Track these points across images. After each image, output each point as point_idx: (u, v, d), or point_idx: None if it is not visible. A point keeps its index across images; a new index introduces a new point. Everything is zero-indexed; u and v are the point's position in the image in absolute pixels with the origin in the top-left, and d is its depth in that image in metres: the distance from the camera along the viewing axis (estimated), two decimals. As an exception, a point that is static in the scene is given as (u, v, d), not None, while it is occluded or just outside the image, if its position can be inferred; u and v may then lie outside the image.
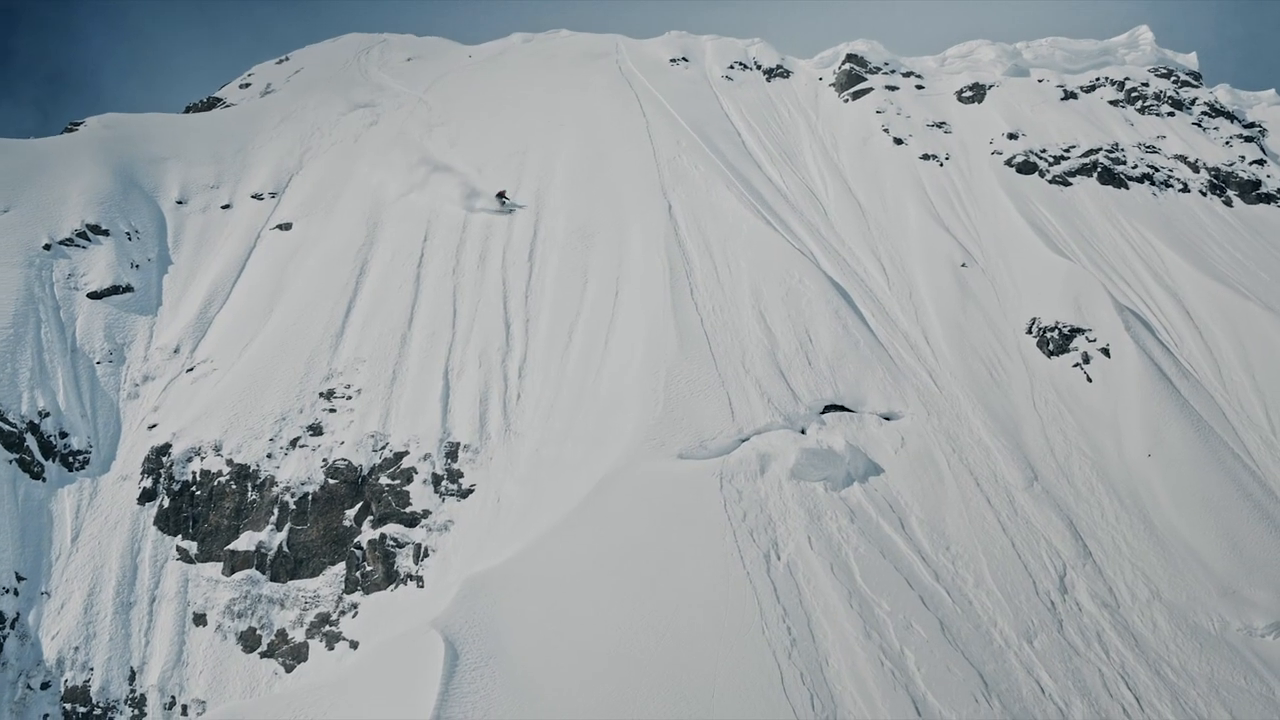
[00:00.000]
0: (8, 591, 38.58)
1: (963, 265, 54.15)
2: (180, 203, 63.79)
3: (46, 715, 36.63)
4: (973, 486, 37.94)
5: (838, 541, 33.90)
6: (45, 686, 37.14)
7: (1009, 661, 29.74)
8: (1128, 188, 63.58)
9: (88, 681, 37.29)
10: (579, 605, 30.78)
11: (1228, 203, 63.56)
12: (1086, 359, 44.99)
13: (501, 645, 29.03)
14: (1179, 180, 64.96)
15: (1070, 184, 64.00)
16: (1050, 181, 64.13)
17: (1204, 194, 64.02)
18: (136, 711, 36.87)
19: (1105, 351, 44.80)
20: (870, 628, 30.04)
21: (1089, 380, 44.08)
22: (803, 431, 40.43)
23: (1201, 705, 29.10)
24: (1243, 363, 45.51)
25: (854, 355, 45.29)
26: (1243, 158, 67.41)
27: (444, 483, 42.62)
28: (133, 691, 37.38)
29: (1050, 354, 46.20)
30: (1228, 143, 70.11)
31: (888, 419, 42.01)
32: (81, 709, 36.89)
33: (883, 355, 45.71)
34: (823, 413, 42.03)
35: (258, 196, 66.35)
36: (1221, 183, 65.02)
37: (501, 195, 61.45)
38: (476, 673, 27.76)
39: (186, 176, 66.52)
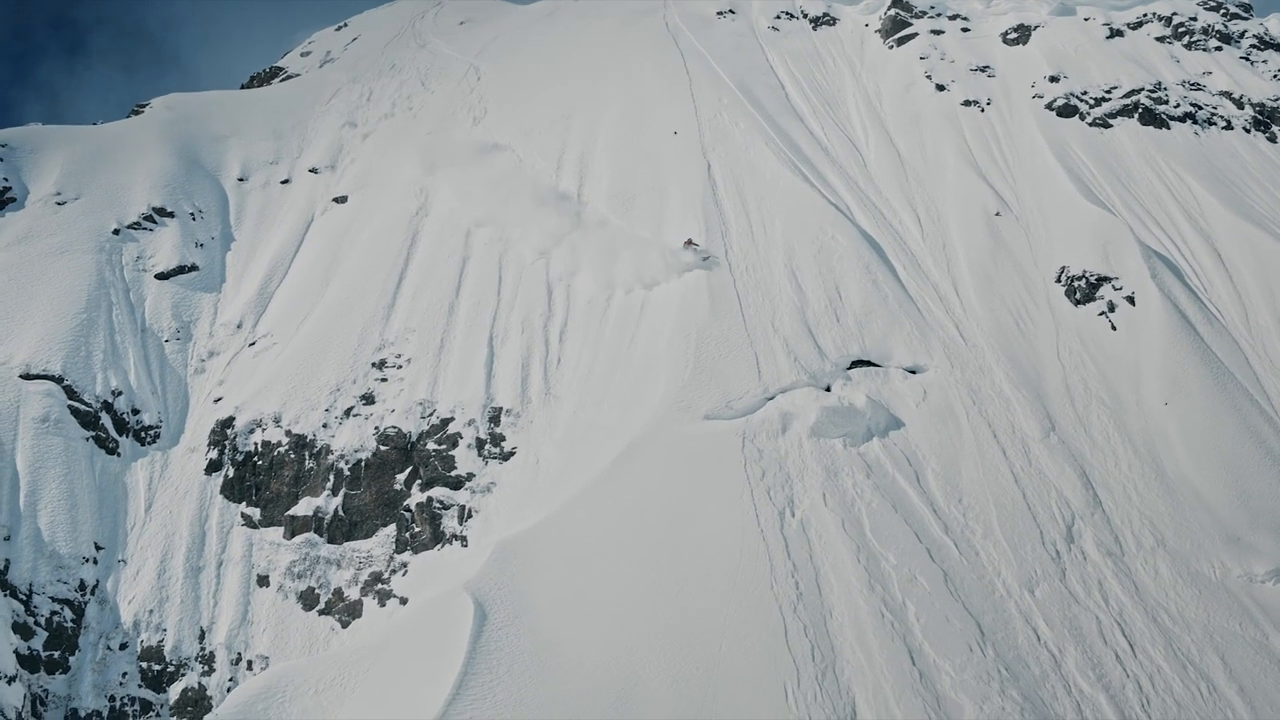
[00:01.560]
0: (88, 561, 41.77)
1: (997, 214, 54.23)
2: (241, 180, 66.41)
3: (125, 673, 39.85)
4: (989, 438, 38.78)
5: (851, 497, 35.14)
6: (123, 647, 40.38)
7: (1008, 611, 30.88)
8: (1169, 128, 62.67)
9: (161, 641, 40.40)
10: (600, 567, 32.58)
11: (1271, 139, 62.36)
12: (1112, 307, 45.17)
13: (527, 605, 30.96)
14: (1222, 118, 63.77)
15: (1111, 125, 63.27)
16: (1090, 124, 63.44)
17: (1247, 130, 62.84)
18: (206, 668, 39.87)
19: (1130, 300, 44.93)
20: (875, 581, 31.37)
21: (1113, 328, 44.33)
22: (828, 389, 41.42)
23: (1195, 651, 29.95)
24: (1270, 306, 45.31)
25: (882, 310, 46.08)
26: (1290, 91, 65.88)
27: (487, 446, 44.60)
28: (203, 649, 40.39)
29: (1077, 303, 46.40)
30: (1276, 76, 68.41)
31: (912, 372, 42.85)
32: (156, 667, 40.03)
33: (911, 309, 46.38)
34: (849, 368, 42.99)
35: (315, 170, 68.68)
36: (1266, 118, 63.72)
37: (690, 242, 50.84)
38: (503, 632, 29.75)
39: (247, 153, 69.10)
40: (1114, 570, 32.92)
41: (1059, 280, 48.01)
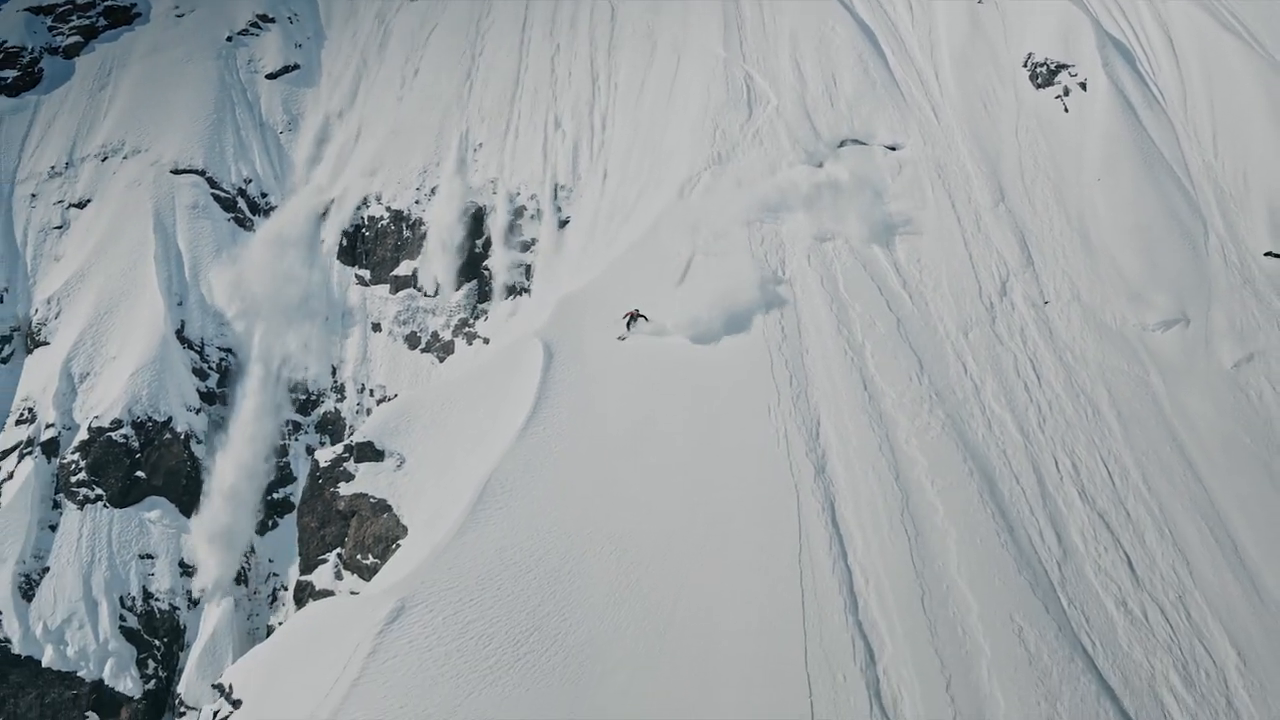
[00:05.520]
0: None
1: (979, 1, 54.49)
2: (328, -20, 67.63)
3: (280, 401, 46.36)
4: (949, 207, 41.78)
5: (830, 259, 38.98)
6: (278, 381, 46.70)
7: (945, 350, 34.85)
8: (1150, -92, 60.69)
9: (305, 376, 46.67)
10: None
11: (1245, -81, 60.39)
12: (1067, 92, 46.57)
13: (580, 348, 35.71)
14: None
15: (1099, -92, 61.34)
16: (1081, -94, 61.50)
17: (1222, -89, 60.69)
18: (339, 395, 46.34)
19: (1083, 85, 46.22)
20: (842, 325, 35.59)
21: (1066, 111, 46.04)
22: (820, 165, 44.42)
23: (1088, 384, 33.47)
24: (1206, 89, 45.90)
25: (871, 96, 48.17)
26: None
27: (546, 216, 48.62)
28: (335, 382, 46.71)
29: (1038, 87, 47.74)
30: None
31: (892, 149, 45.44)
32: (302, 396, 46.58)
33: (895, 93, 48.37)
34: (839, 147, 45.71)
35: (391, -31, 69.23)
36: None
37: (634, 317, 36.00)
38: (563, 367, 34.72)
39: (331, -45, 69.65)
40: (1035, 318, 36.45)
41: (1025, 65, 49.12)
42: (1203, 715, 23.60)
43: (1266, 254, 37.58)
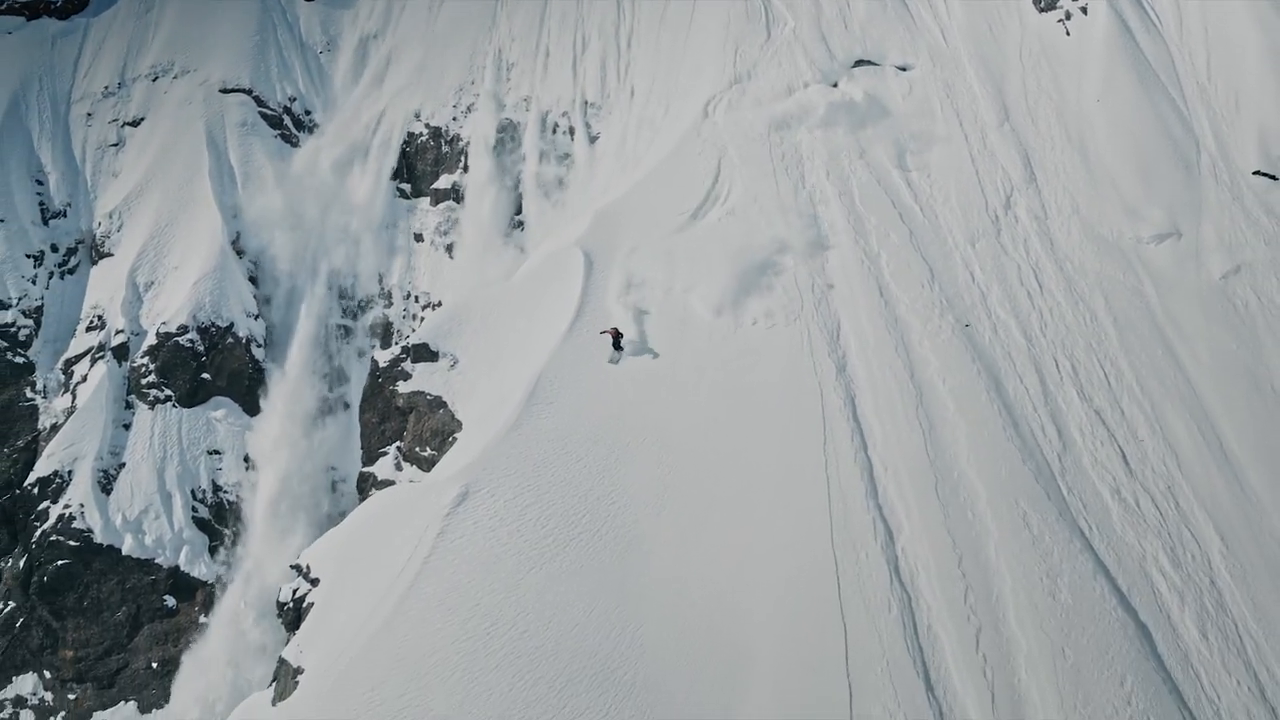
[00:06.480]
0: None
1: (986, -73, 52.92)
2: (357, -95, 65.40)
3: (330, 307, 46.55)
4: (956, 125, 41.40)
5: (847, 173, 38.79)
6: (329, 289, 46.89)
7: (954, 259, 35.02)
8: None
9: (354, 284, 46.82)
10: (664, 224, 36.97)
11: None
12: (1068, 16, 45.70)
13: (616, 256, 35.73)
14: None
15: None
16: None
17: None
18: (386, 301, 46.60)
19: (1084, 10, 45.42)
20: (859, 236, 35.68)
21: (1067, 34, 45.26)
22: (835, 85, 43.85)
23: (1086, 291, 33.59)
24: (1200, 14, 44.85)
25: (882, 18, 47.29)
26: None
27: (578, 132, 48.17)
28: (383, 289, 46.85)
29: (1041, 11, 46.88)
30: None
31: (903, 70, 44.79)
32: (351, 302, 46.72)
33: (905, 16, 47.47)
34: (853, 67, 45.04)
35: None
36: None
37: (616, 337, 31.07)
38: (601, 273, 34.84)
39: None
40: (1037, 230, 36.44)
41: (1029, -11, 48.19)
42: (1188, 593, 24.40)
43: (1255, 173, 37.44)
